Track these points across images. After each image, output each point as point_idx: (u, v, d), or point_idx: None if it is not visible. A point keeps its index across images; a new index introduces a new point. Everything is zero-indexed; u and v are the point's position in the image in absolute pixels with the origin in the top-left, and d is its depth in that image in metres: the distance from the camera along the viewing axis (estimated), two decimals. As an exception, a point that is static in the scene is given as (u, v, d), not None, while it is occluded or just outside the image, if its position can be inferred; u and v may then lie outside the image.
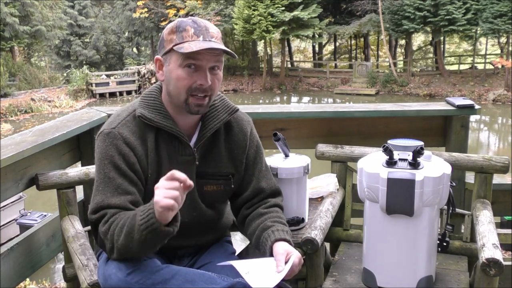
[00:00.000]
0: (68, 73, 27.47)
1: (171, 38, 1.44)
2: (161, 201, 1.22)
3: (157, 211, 1.24)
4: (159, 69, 1.50)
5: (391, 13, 24.22)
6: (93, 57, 32.02)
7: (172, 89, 1.46)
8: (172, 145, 1.50)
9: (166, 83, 1.48)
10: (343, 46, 35.91)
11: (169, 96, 1.49)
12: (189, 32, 1.42)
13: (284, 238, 1.48)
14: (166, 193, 1.22)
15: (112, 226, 1.36)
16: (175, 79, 1.43)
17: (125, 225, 1.32)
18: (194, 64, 1.41)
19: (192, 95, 1.43)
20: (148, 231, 1.26)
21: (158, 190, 1.24)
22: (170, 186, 1.23)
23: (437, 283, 1.82)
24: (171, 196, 1.21)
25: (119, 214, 1.37)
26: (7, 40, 24.93)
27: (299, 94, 26.15)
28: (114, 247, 1.35)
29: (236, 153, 1.61)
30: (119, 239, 1.32)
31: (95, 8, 34.58)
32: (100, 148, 1.46)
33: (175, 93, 1.45)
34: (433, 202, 1.67)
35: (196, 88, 1.43)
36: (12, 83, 24.86)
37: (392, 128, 2.61)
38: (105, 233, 1.37)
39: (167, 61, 1.46)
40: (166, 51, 1.45)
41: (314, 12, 24.70)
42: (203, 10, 26.20)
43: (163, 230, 1.26)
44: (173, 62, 1.43)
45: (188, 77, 1.42)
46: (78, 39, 32.04)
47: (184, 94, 1.43)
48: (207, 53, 1.40)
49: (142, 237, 1.28)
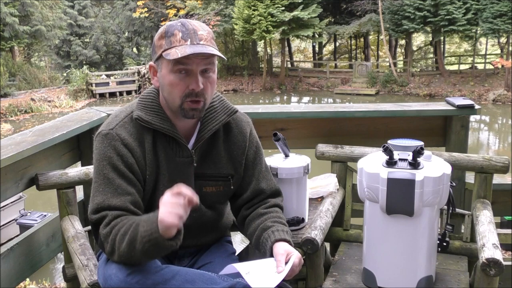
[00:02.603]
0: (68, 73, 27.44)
1: (160, 44, 1.44)
2: (166, 219, 1.23)
3: (161, 227, 1.24)
4: (153, 75, 1.50)
5: (391, 13, 24.21)
6: (93, 57, 32.00)
7: (166, 95, 1.46)
8: (169, 147, 1.50)
9: (161, 89, 1.48)
10: (343, 46, 35.91)
11: (165, 100, 1.49)
12: (177, 37, 1.41)
13: (284, 239, 1.48)
14: (171, 210, 1.23)
15: (114, 231, 1.36)
16: (168, 85, 1.44)
17: (128, 233, 1.32)
18: (185, 69, 1.41)
19: (187, 100, 1.43)
20: (151, 244, 1.27)
21: (164, 207, 1.24)
22: (176, 203, 1.23)
23: (437, 283, 1.82)
24: (176, 214, 1.23)
25: (121, 219, 1.37)
26: (7, 40, 24.90)
27: (299, 94, 26.15)
28: (115, 251, 1.35)
29: (235, 154, 1.61)
30: (121, 246, 1.32)
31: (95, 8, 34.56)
32: (98, 149, 1.46)
33: (170, 99, 1.45)
34: (433, 202, 1.67)
35: (189, 93, 1.42)
36: (12, 83, 24.84)
37: (392, 128, 2.61)
38: (106, 236, 1.37)
39: (159, 67, 1.46)
40: (157, 57, 1.45)
41: (314, 12, 24.69)
42: (203, 10, 26.20)
43: (166, 245, 1.27)
44: (164, 68, 1.43)
45: (180, 82, 1.42)
46: (78, 39, 32.02)
47: (178, 100, 1.43)
48: (194, 57, 1.40)
49: (144, 248, 1.28)
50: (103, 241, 1.39)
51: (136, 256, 1.31)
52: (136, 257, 1.32)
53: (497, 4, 21.22)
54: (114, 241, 1.35)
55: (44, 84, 26.49)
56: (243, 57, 28.92)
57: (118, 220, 1.37)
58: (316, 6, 25.10)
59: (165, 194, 1.27)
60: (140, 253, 1.30)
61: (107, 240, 1.37)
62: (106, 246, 1.37)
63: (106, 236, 1.37)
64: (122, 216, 1.38)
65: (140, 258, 1.33)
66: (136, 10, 29.21)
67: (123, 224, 1.35)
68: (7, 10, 24.15)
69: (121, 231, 1.34)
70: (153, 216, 1.28)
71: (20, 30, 25.01)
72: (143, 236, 1.27)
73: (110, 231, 1.36)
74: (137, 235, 1.29)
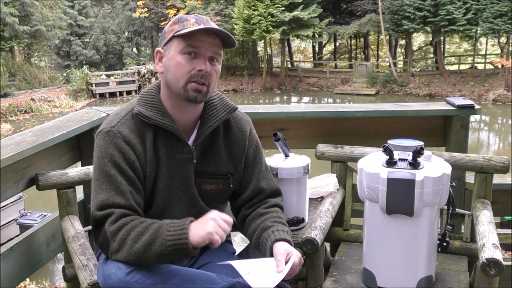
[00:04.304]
0: (68, 73, 27.46)
1: (172, 29, 1.47)
2: (214, 235, 1.30)
3: (201, 236, 1.30)
4: (159, 61, 1.52)
5: (391, 13, 24.22)
6: (93, 57, 32.01)
7: (171, 76, 1.47)
8: (170, 143, 1.51)
9: (165, 73, 1.49)
10: (343, 46, 35.92)
11: (167, 86, 1.49)
12: (190, 21, 1.46)
13: (284, 238, 1.48)
14: (219, 229, 1.32)
15: (124, 229, 1.36)
16: (174, 66, 1.45)
17: (145, 234, 1.33)
18: (194, 51, 1.44)
19: (191, 81, 1.45)
20: (175, 247, 1.30)
21: (214, 222, 1.32)
22: (224, 226, 1.33)
23: (437, 283, 1.82)
24: (221, 235, 1.32)
25: (131, 219, 1.38)
26: (7, 40, 24.91)
27: (299, 94, 26.15)
28: (122, 249, 1.35)
29: (235, 152, 1.61)
30: (135, 245, 1.33)
31: (95, 8, 34.58)
32: (99, 147, 1.46)
33: (174, 80, 1.46)
34: (433, 202, 1.67)
35: (195, 74, 1.44)
36: (12, 83, 24.84)
37: (392, 128, 2.61)
38: (114, 233, 1.36)
39: (167, 50, 1.48)
40: (167, 41, 1.48)
41: (314, 12, 24.70)
42: (203, 10, 26.21)
43: (190, 251, 1.31)
44: (173, 49, 1.46)
45: (187, 63, 1.44)
46: (78, 39, 32.03)
47: (183, 81, 1.45)
48: (207, 40, 1.43)
49: (164, 251, 1.31)
50: (110, 238, 1.38)
51: (149, 258, 1.33)
52: (147, 258, 1.33)
53: (497, 4, 21.23)
54: (124, 240, 1.35)
55: (44, 84, 26.49)
56: (243, 57, 28.93)
57: (127, 219, 1.38)
58: (316, 6, 25.11)
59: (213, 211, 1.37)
60: (156, 255, 1.32)
61: (115, 238, 1.36)
62: (112, 243, 1.37)
63: (114, 233, 1.36)
64: (130, 216, 1.39)
65: (152, 260, 1.34)
66: (136, 10, 29.22)
67: (135, 225, 1.36)
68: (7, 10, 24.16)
69: (135, 231, 1.34)
70: (182, 222, 1.33)
71: (20, 30, 25.02)
72: (167, 240, 1.30)
73: (118, 229, 1.36)
74: (157, 237, 1.31)
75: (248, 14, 24.11)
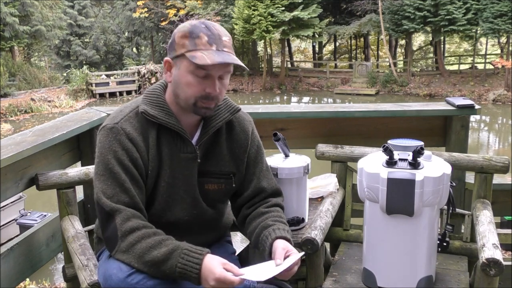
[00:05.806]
0: (68, 73, 27.45)
1: (183, 43, 1.43)
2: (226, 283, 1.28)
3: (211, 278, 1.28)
4: (167, 70, 1.50)
5: (391, 13, 24.22)
6: (93, 57, 32.01)
7: (180, 93, 1.46)
8: (174, 143, 1.51)
9: (174, 85, 1.48)
10: (343, 46, 35.92)
11: (176, 97, 1.49)
12: (202, 40, 1.41)
13: (285, 237, 1.48)
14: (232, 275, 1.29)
15: (136, 234, 1.36)
16: (184, 84, 1.44)
17: (157, 249, 1.33)
18: (205, 73, 1.42)
19: (201, 100, 1.45)
20: (183, 276, 1.31)
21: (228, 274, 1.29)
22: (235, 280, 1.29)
23: (437, 283, 1.82)
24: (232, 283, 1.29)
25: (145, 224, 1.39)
26: (7, 40, 24.91)
27: (299, 94, 26.15)
28: (129, 253, 1.35)
29: (237, 152, 1.61)
30: (143, 256, 1.33)
31: (95, 8, 34.58)
32: (102, 143, 1.46)
33: (184, 97, 1.46)
34: (433, 202, 1.67)
35: (205, 96, 1.44)
36: (12, 83, 24.83)
37: (392, 128, 2.61)
38: (125, 234, 1.36)
39: (177, 64, 1.45)
40: (178, 55, 1.44)
41: (314, 12, 24.70)
42: (203, 10, 26.20)
43: (194, 282, 1.31)
44: (184, 68, 1.43)
45: (198, 84, 1.43)
46: (78, 39, 32.03)
47: (192, 99, 1.44)
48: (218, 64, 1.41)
49: (172, 274, 1.31)
50: (120, 236, 1.37)
51: (153, 272, 1.33)
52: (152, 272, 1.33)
53: (497, 4, 21.23)
54: (133, 245, 1.35)
55: (44, 84, 26.49)
56: (243, 57, 28.93)
57: (140, 223, 1.38)
58: (316, 6, 25.12)
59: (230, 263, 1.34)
60: (161, 274, 1.33)
61: (124, 239, 1.36)
62: (121, 243, 1.36)
63: (125, 234, 1.36)
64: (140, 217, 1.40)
65: (156, 274, 1.34)
66: (136, 10, 29.21)
67: (148, 234, 1.36)
68: (7, 10, 24.16)
69: (147, 241, 1.35)
70: (198, 257, 1.31)
71: (20, 30, 25.02)
72: (178, 266, 1.30)
73: (130, 230, 1.36)
74: (169, 260, 1.31)
75: (248, 14, 24.11)
